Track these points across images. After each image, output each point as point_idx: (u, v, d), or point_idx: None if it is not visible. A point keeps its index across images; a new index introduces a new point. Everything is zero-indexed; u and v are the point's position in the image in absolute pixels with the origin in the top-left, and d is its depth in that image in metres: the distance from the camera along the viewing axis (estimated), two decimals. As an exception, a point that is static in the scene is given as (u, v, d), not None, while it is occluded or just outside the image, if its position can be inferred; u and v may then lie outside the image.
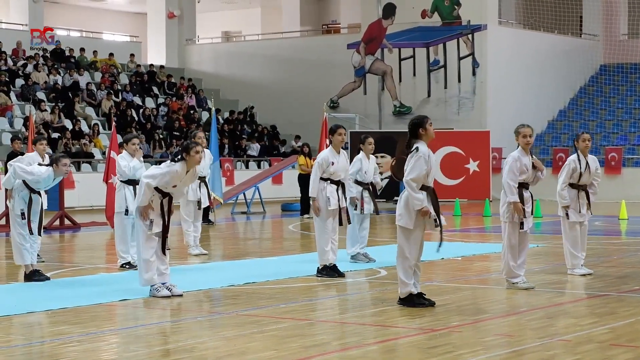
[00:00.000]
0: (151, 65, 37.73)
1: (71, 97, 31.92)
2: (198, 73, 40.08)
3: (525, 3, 38.63)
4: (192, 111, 35.15)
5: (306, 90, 37.27)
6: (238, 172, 31.45)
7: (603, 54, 38.65)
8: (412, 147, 9.83)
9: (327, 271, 12.43)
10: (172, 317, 9.80)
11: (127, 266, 13.45)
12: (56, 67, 33.69)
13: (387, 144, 28.92)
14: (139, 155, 13.65)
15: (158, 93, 36.02)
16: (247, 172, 31.17)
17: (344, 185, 12.55)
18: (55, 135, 29.01)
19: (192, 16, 41.20)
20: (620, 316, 9.46)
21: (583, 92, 38.07)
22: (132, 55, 37.92)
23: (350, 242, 13.95)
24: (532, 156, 11.39)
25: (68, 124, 30.22)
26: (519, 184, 11.20)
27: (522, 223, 11.17)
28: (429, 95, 35.28)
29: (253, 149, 34.31)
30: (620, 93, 37.59)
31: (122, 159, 13.49)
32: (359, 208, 13.78)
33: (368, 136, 14.08)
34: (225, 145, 32.65)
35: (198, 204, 15.25)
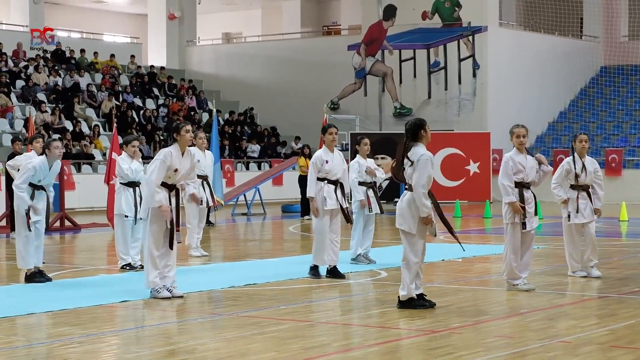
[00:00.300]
0: (152, 66, 37.72)
1: (71, 99, 31.91)
2: (198, 74, 40.07)
3: (525, 4, 38.64)
4: (193, 112, 35.13)
5: (306, 91, 37.26)
6: (238, 174, 31.44)
7: (603, 56, 38.64)
8: (410, 150, 9.79)
9: (315, 271, 12.46)
10: (173, 319, 9.80)
11: (128, 267, 13.44)
12: (57, 69, 33.68)
13: (388, 146, 28.91)
14: (138, 157, 13.67)
15: (158, 94, 36.01)
16: (248, 174, 31.17)
17: (343, 185, 12.56)
18: (55, 136, 28.99)
19: (193, 17, 41.19)
20: (620, 318, 9.46)
21: (583, 94, 38.08)
22: (133, 56, 37.92)
23: (355, 244, 13.94)
24: (531, 154, 11.37)
25: (68, 125, 30.22)
26: (519, 184, 11.19)
27: (525, 223, 11.15)
28: (430, 96, 35.29)
29: (253, 151, 34.31)
30: (620, 95, 37.59)
31: (123, 162, 13.48)
32: (367, 208, 13.79)
33: (364, 137, 14.16)
34: (225, 146, 32.65)
35: (200, 202, 15.24)
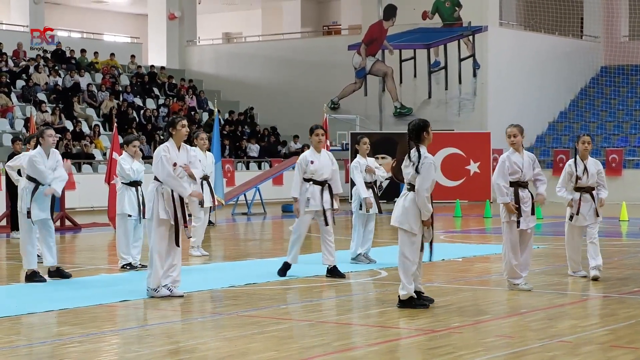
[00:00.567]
0: (152, 66, 37.72)
1: (72, 98, 31.92)
2: (199, 74, 40.07)
3: (526, 4, 38.64)
4: (193, 112, 35.14)
5: (307, 91, 37.27)
6: (238, 173, 31.45)
7: (604, 56, 38.66)
8: (413, 151, 9.80)
9: (284, 270, 12.52)
10: (173, 318, 9.80)
11: (128, 267, 13.45)
12: (57, 69, 33.69)
13: (388, 145, 28.93)
14: (139, 157, 13.68)
15: (159, 94, 36.01)
16: (248, 173, 31.18)
17: (331, 186, 12.55)
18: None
19: (193, 17, 41.20)
20: (620, 318, 9.47)
21: (584, 94, 38.09)
22: (133, 56, 37.92)
23: (355, 245, 13.95)
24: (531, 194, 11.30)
25: (69, 125, 30.22)
26: (514, 183, 11.19)
27: (519, 222, 11.14)
28: (430, 96, 35.29)
29: (253, 150, 34.31)
30: (620, 95, 37.60)
31: (124, 162, 13.49)
32: (365, 208, 13.78)
33: (363, 137, 14.22)
34: (225, 146, 32.66)
35: (200, 203, 15.26)
